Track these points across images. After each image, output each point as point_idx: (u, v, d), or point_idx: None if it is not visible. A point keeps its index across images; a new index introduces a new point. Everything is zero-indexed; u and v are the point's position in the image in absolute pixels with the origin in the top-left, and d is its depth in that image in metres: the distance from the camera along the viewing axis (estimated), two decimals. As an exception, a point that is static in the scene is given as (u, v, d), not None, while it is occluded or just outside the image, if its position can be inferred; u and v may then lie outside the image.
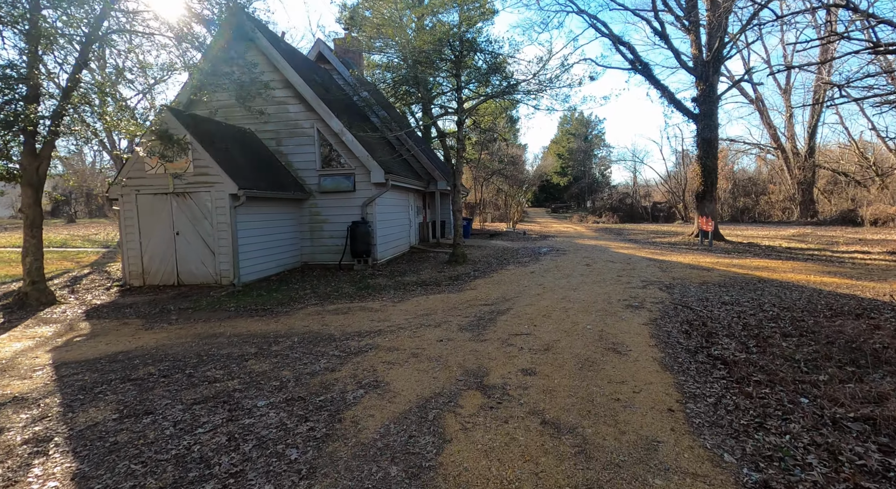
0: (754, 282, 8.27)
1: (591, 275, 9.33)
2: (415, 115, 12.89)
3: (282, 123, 12.10)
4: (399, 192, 14.35)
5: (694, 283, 8.25)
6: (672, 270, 9.85)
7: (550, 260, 12.25)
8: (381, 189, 11.96)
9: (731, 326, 5.26)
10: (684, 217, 33.30)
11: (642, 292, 7.46)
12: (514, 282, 8.90)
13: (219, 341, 5.28)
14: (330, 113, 11.56)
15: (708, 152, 17.22)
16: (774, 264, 10.65)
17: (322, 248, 12.24)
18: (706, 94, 16.89)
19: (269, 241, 10.62)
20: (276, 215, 11.09)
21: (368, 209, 11.98)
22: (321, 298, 8.02)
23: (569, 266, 10.89)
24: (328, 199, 12.15)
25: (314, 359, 4.47)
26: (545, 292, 7.61)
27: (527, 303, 6.68)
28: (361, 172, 11.93)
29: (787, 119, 30.67)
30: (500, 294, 7.64)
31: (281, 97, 12.01)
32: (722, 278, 8.73)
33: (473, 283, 8.92)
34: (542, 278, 9.20)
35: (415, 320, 5.94)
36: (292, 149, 12.14)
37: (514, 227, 26.21)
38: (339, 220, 12.02)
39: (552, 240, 19.40)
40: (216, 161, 9.05)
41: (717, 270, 9.77)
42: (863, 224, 23.01)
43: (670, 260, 11.73)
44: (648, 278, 8.88)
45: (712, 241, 15.51)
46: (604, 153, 59.76)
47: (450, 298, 7.48)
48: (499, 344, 4.68)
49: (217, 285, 9.19)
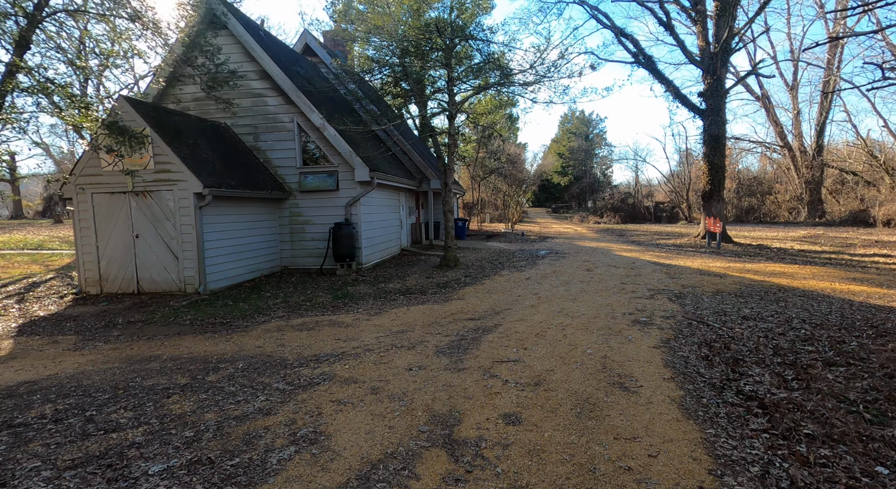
0: (774, 291, 7.42)
1: (593, 283, 8.48)
2: (410, 111, 12.09)
3: (259, 117, 11.27)
4: (388, 192, 13.51)
5: (707, 292, 7.40)
6: (681, 277, 8.99)
7: (548, 264, 11.40)
8: (365, 188, 11.12)
9: (759, 350, 4.41)
10: (688, 217, 32.42)
11: (650, 303, 6.61)
12: (506, 290, 8.05)
13: (150, 367, 4.44)
14: (310, 105, 10.72)
15: (715, 149, 16.35)
16: (791, 269, 9.79)
17: (303, 252, 11.41)
18: (713, 89, 16.03)
19: (241, 245, 9.78)
20: (252, 216, 10.26)
21: (352, 210, 11.14)
22: (291, 309, 7.18)
23: (568, 271, 10.04)
24: (310, 199, 11.31)
25: (252, 394, 3.63)
26: (540, 303, 6.76)
27: (518, 318, 5.83)
28: (345, 170, 11.10)
29: (795, 116, 29.78)
30: (490, 305, 6.80)
31: (258, 89, 11.18)
32: (737, 286, 7.88)
33: (462, 292, 8.07)
34: (538, 286, 8.35)
35: (387, 339, 5.10)
36: (271, 144, 11.30)
37: (512, 228, 25.36)
38: (322, 222, 11.19)
39: (551, 241, 18.55)
40: (179, 157, 8.22)
41: (731, 277, 8.91)
42: (875, 225, 22.12)
43: (677, 264, 10.87)
44: (655, 286, 8.03)
45: (720, 244, 14.65)
46: (605, 152, 58.90)
47: (433, 310, 6.63)
48: (479, 375, 3.84)
49: (181, 293, 8.36)
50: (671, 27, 16.14)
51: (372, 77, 12.35)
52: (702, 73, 16.49)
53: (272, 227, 11.15)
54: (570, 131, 60.66)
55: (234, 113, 10.74)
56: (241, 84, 11.15)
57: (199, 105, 11.14)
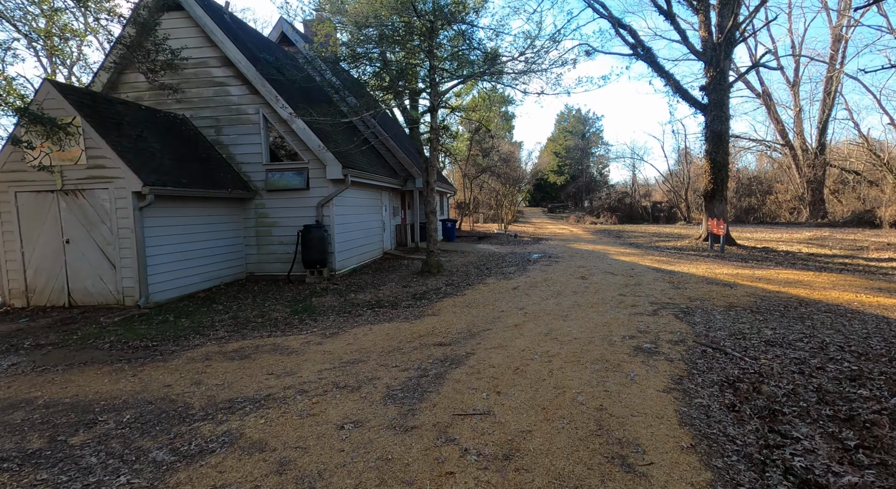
0: (794, 305, 6.46)
1: (587, 294, 7.50)
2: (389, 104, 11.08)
3: (221, 109, 10.22)
4: (368, 191, 12.50)
5: (718, 307, 6.44)
6: (686, 286, 8.03)
7: (540, 270, 10.41)
8: (339, 186, 10.10)
9: (798, 394, 3.44)
10: (687, 218, 31.56)
11: (653, 322, 5.64)
12: (489, 303, 7.06)
13: (8, 419, 3.42)
14: (276, 95, 9.69)
15: (718, 147, 15.42)
16: (806, 277, 8.85)
17: (271, 257, 10.38)
18: (716, 82, 15.09)
19: (196, 250, 8.74)
20: (210, 218, 9.22)
21: (324, 210, 10.12)
22: (236, 327, 6.16)
23: (560, 279, 9.06)
24: (277, 199, 10.28)
25: (113, 472, 2.62)
26: (526, 322, 5.77)
27: (496, 343, 4.83)
28: (316, 167, 10.07)
29: (796, 114, 28.95)
30: (467, 323, 5.80)
31: (220, 77, 10.13)
32: (751, 299, 6.92)
33: (439, 305, 7.07)
34: (526, 298, 7.36)
35: (331, 375, 4.10)
36: (234, 139, 10.26)
37: (505, 229, 24.39)
38: (291, 224, 10.16)
39: (545, 244, 17.59)
40: (116, 151, 7.18)
41: (741, 286, 7.96)
42: (881, 226, 21.29)
43: (680, 271, 9.92)
44: (658, 298, 7.06)
45: (724, 247, 13.73)
46: (602, 151, 58.06)
47: (399, 330, 5.63)
48: (432, 438, 2.84)
49: (118, 306, 7.33)
50: (672, 16, 15.20)
51: (350, 65, 11.31)
52: (704, 66, 15.56)
53: (236, 229, 10.12)
54: (566, 130, 59.74)
55: (178, 99, 9.71)
56: (201, 71, 10.13)
57: (155, 95, 10.07)
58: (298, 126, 9.76)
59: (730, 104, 15.80)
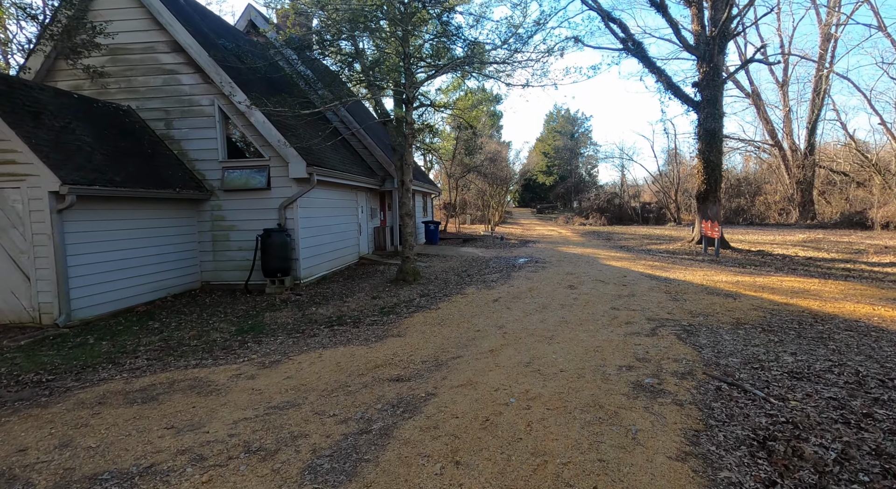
0: (808, 322, 5.70)
1: (576, 308, 6.66)
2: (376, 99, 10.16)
3: (172, 99, 9.17)
4: (341, 191, 11.54)
5: (724, 324, 5.64)
6: (685, 297, 7.24)
7: (525, 278, 9.57)
8: (303, 186, 9.14)
9: (850, 458, 2.61)
10: (676, 219, 31.11)
11: (652, 345, 4.81)
12: (465, 319, 6.17)
13: None
14: (232, 84, 8.69)
15: (711, 145, 14.78)
16: (813, 286, 8.14)
17: (229, 264, 9.36)
18: (709, 77, 14.45)
19: (136, 258, 7.70)
20: (155, 221, 8.19)
21: (288, 213, 9.15)
22: (162, 353, 5.18)
23: (546, 289, 8.22)
24: (235, 200, 9.28)
25: None
26: (504, 346, 4.89)
27: (464, 380, 3.94)
28: (278, 164, 9.10)
29: (785, 114, 28.66)
30: (435, 349, 4.90)
31: (170, 64, 9.09)
32: (759, 314, 6.14)
33: (407, 322, 6.16)
34: (507, 312, 6.49)
35: (248, 428, 3.17)
36: (186, 133, 9.23)
37: (492, 231, 23.57)
38: (250, 227, 9.16)
39: (533, 247, 16.78)
40: (29, 144, 6.13)
41: (745, 297, 7.19)
42: (873, 227, 20.95)
43: (676, 278, 9.16)
44: (656, 313, 6.24)
45: (719, 250, 13.05)
46: (591, 151, 57.71)
47: (354, 358, 4.71)
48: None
49: (33, 325, 6.28)
50: (664, 8, 14.50)
51: (320, 54, 10.34)
52: (696, 61, 14.91)
53: (189, 233, 9.08)
54: (555, 130, 59.28)
55: (104, 85, 8.67)
56: (148, 57, 9.07)
57: (97, 84, 9.01)
58: (257, 119, 8.78)
59: (723, 101, 15.19)
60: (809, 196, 27.74)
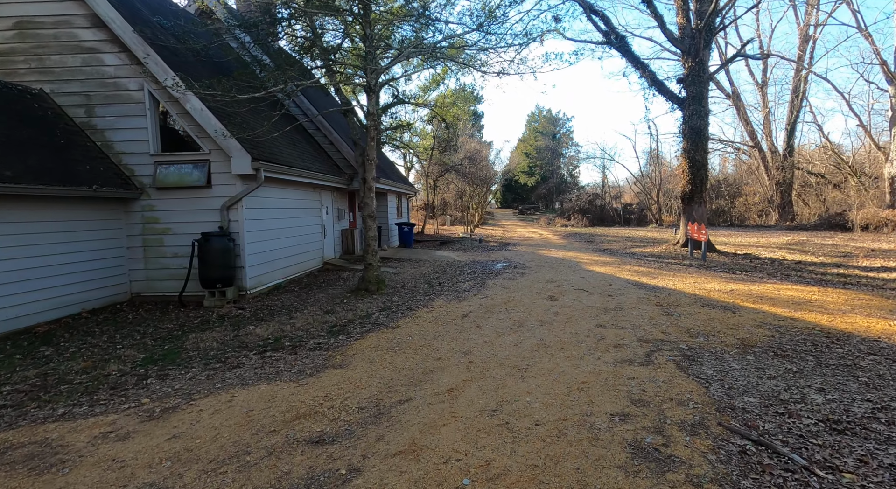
0: (823, 342, 4.90)
1: (556, 326, 5.74)
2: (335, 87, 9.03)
3: (94, 83, 7.92)
4: (299, 190, 10.40)
5: (729, 347, 4.79)
6: (679, 311, 6.41)
7: (501, 286, 8.63)
8: (249, 184, 8.01)
9: None
10: (658, 220, 30.82)
11: (649, 378, 3.91)
12: (426, 342, 5.18)
13: None
14: (163, 65, 7.50)
15: (697, 144, 14.16)
16: (813, 295, 7.44)
17: (163, 273, 8.15)
18: (695, 73, 13.83)
19: (38, 268, 6.45)
20: (66, 224, 6.94)
21: (231, 214, 8.00)
22: (30, 395, 4.02)
23: (524, 301, 7.29)
24: (171, 199, 8.08)
25: None
26: (467, 383, 3.92)
27: (405, 446, 2.93)
28: (220, 158, 7.94)
29: (765, 115, 28.62)
30: (380, 387, 3.89)
31: (90, 41, 7.83)
32: (765, 332, 5.33)
33: (356, 346, 5.13)
34: (477, 332, 5.53)
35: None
36: (112, 121, 7.98)
37: (471, 233, 22.66)
38: (188, 231, 7.98)
39: (512, 250, 15.92)
40: None
41: (745, 310, 6.40)
42: (853, 229, 20.80)
43: (666, 286, 8.36)
44: (649, 332, 5.37)
45: (706, 254, 12.40)
46: (572, 152, 57.53)
47: (273, 402, 3.66)
48: None
49: None
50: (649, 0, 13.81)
51: (271, 36, 9.20)
52: (681, 56, 14.28)
53: (114, 238, 7.85)
54: (536, 130, 58.93)
55: (32, 68, 7.37)
56: (62, 33, 7.80)
57: (6, 61, 7.72)
58: (193, 105, 7.61)
59: (709, 99, 14.60)
60: (789, 197, 27.74)
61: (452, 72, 9.96)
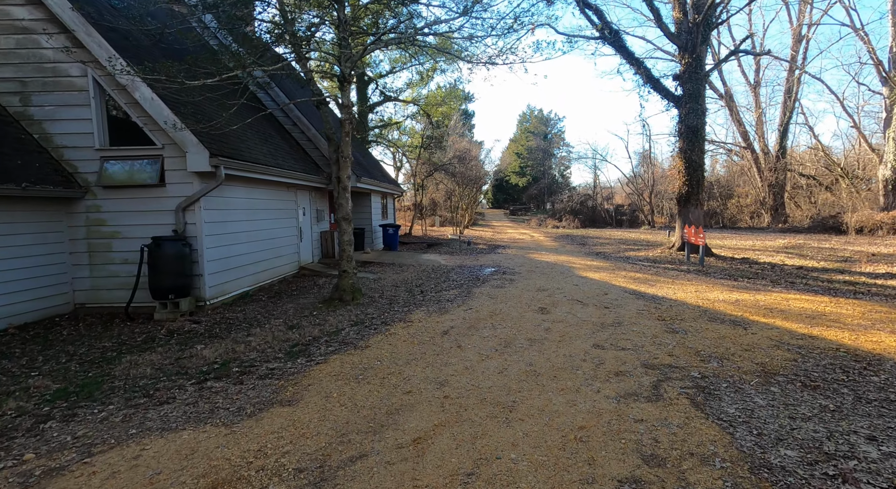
0: (854, 368, 4.26)
1: (548, 347, 5.03)
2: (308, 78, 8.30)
3: (30, 67, 7.04)
4: (271, 190, 9.59)
5: (748, 375, 4.12)
6: (684, 327, 5.75)
7: (488, 296, 7.91)
8: (208, 182, 7.19)
9: None
10: (650, 222, 30.40)
11: (661, 421, 3.22)
12: (395, 369, 4.43)
13: None
14: (106, 46, 6.65)
15: (694, 143, 13.60)
16: (825, 306, 6.83)
17: (112, 282, 7.30)
18: (692, 70, 13.26)
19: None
20: (-10, 227, 6.08)
21: (188, 216, 7.18)
22: None
23: (513, 313, 6.58)
24: (119, 199, 7.23)
25: None
26: (439, 430, 3.19)
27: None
28: (175, 154, 7.12)
29: (758, 116, 28.33)
30: (329, 437, 3.14)
31: (25, 20, 6.95)
32: (786, 354, 4.68)
33: (312, 375, 4.37)
34: (457, 355, 4.80)
35: None
36: (51, 111, 7.10)
37: (460, 235, 21.94)
38: (140, 234, 7.14)
39: (502, 253, 15.23)
40: None
41: (756, 326, 5.76)
42: (847, 232, 20.48)
43: (666, 296, 7.72)
44: (654, 355, 4.69)
45: (703, 258, 11.82)
46: (564, 152, 57.14)
47: (192, 458, 2.89)
48: None
49: None
50: (645, -9, 13.20)
51: (237, 17, 8.36)
52: (678, 51, 13.71)
53: (54, 242, 6.98)
54: (528, 130, 58.45)
55: None
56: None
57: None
58: (143, 94, 6.77)
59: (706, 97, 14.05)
60: (781, 199, 27.48)
61: (436, 62, 9.22)
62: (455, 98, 32.34)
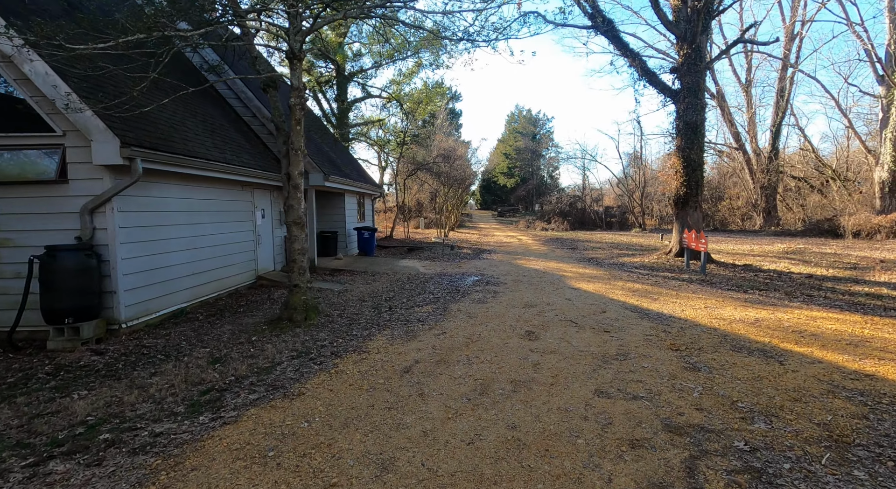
0: (942, 427, 3.14)
1: (537, 393, 3.84)
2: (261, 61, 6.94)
3: None
4: (216, 188, 8.25)
5: (814, 447, 2.99)
6: (705, 361, 4.61)
7: (466, 315, 6.70)
8: (123, 178, 5.85)
9: None
10: (641, 224, 29.60)
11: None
12: (326, 439, 3.19)
13: None
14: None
15: (692, 141, 12.62)
16: (860, 327, 5.79)
17: (1, 301, 5.90)
18: (691, 61, 12.28)
19: None
20: None
21: (97, 219, 5.83)
22: None
23: (494, 341, 5.38)
24: (9, 198, 5.85)
25: None
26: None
27: None
28: (79, 143, 5.77)
29: (750, 117, 27.73)
30: None
31: None
32: (848, 407, 3.57)
33: (210, 445, 3.10)
34: (416, 409, 3.58)
35: None
36: (-81, 89, 5.70)
37: (444, 238, 20.73)
38: (35, 242, 5.76)
39: (487, 258, 14.06)
40: None
41: (792, 357, 4.66)
42: (844, 236, 19.83)
43: (673, 314, 6.61)
44: (677, 408, 3.54)
45: (705, 266, 10.81)
46: (552, 153, 56.38)
47: None
48: None
49: None
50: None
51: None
52: (676, 41, 12.73)
53: (-80, 253, 5.56)
54: (516, 131, 57.58)
55: None
56: None
57: None
58: (35, 69, 5.42)
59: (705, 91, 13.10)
60: (773, 201, 26.90)
61: (410, 45, 8.06)
62: (440, 95, 31.19)
